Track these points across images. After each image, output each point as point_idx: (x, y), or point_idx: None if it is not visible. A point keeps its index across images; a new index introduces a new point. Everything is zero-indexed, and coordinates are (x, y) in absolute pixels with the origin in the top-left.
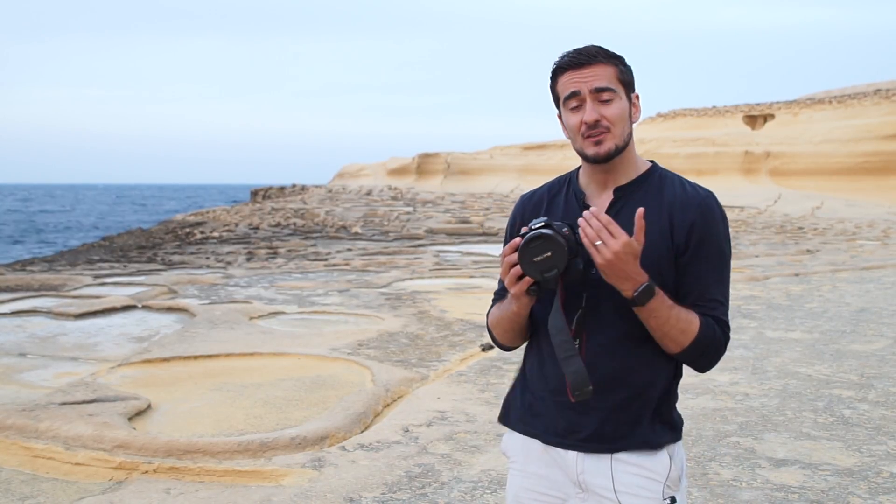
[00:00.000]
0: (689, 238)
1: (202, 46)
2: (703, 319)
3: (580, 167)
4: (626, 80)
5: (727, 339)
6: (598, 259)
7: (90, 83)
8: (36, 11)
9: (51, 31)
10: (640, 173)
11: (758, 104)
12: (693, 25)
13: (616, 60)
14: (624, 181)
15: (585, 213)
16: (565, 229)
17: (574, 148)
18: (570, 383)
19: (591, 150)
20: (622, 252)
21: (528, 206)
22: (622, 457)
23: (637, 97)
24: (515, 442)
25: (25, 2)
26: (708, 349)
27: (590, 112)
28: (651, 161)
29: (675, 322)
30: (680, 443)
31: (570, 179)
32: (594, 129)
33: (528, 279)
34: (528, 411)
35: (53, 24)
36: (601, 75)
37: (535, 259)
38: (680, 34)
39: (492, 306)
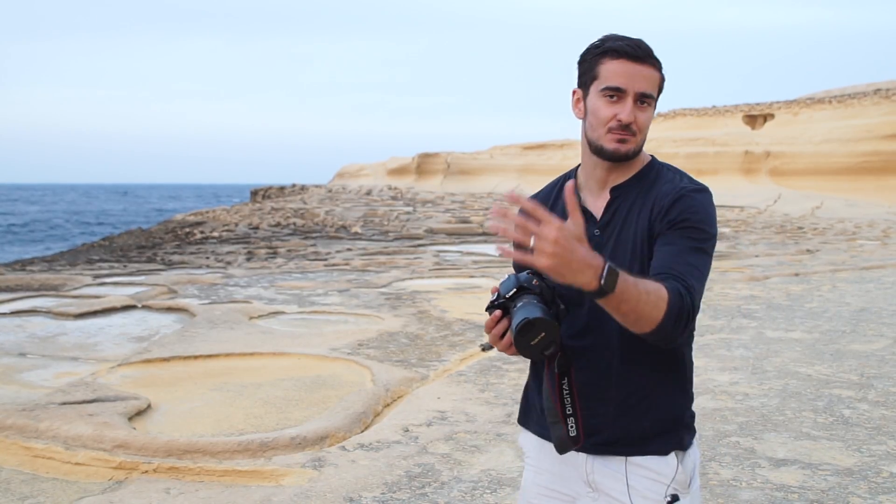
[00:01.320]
0: (662, 220)
1: (204, 46)
2: (668, 283)
3: (579, 166)
4: (661, 89)
5: (695, 305)
6: (541, 262)
7: (92, 83)
8: (37, 11)
9: (53, 31)
10: (637, 170)
11: (758, 104)
12: (693, 25)
13: (660, 66)
14: (622, 179)
15: (495, 205)
16: (535, 280)
17: (588, 136)
18: (555, 446)
19: (612, 146)
20: (561, 238)
21: None
22: (633, 460)
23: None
24: (531, 439)
25: (27, 2)
26: (680, 316)
27: (628, 113)
28: (651, 156)
29: (647, 297)
30: (693, 445)
31: (567, 180)
32: (624, 130)
33: None
34: (542, 413)
35: (55, 24)
36: (650, 80)
37: (531, 343)
38: (680, 34)
39: None
